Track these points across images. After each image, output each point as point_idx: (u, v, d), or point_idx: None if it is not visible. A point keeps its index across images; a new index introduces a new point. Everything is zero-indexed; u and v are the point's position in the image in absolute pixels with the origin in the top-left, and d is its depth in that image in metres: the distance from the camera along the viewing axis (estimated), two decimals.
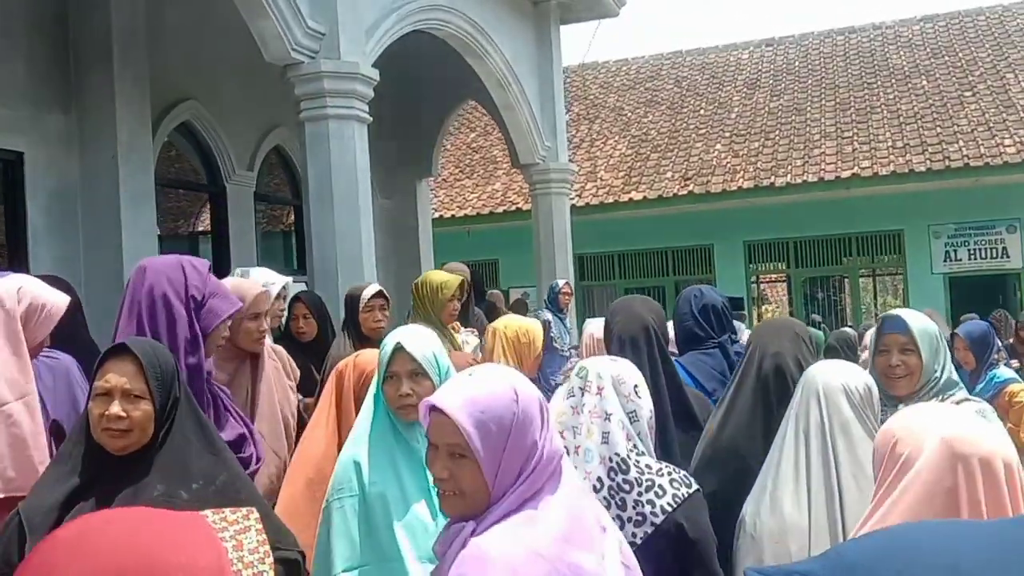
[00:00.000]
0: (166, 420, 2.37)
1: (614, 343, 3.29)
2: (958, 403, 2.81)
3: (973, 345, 5.82)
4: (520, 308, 11.40)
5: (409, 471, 2.50)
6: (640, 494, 2.30)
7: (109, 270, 6.34)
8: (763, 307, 18.83)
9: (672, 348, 4.10)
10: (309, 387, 4.17)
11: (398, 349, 2.56)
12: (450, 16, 8.26)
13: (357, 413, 3.03)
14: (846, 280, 16.68)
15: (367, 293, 4.67)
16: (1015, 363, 7.37)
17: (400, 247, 11.29)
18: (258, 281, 4.46)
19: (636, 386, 2.42)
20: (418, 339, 2.60)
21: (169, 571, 0.97)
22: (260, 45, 6.14)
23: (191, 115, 8.34)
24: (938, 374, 2.91)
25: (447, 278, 4.74)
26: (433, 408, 1.72)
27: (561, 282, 9.05)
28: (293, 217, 10.35)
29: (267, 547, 1.11)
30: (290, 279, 4.88)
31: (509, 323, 4.31)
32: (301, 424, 3.69)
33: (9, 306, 2.96)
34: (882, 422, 2.04)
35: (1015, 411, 5.75)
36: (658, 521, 2.28)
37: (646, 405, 2.42)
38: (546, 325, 7.11)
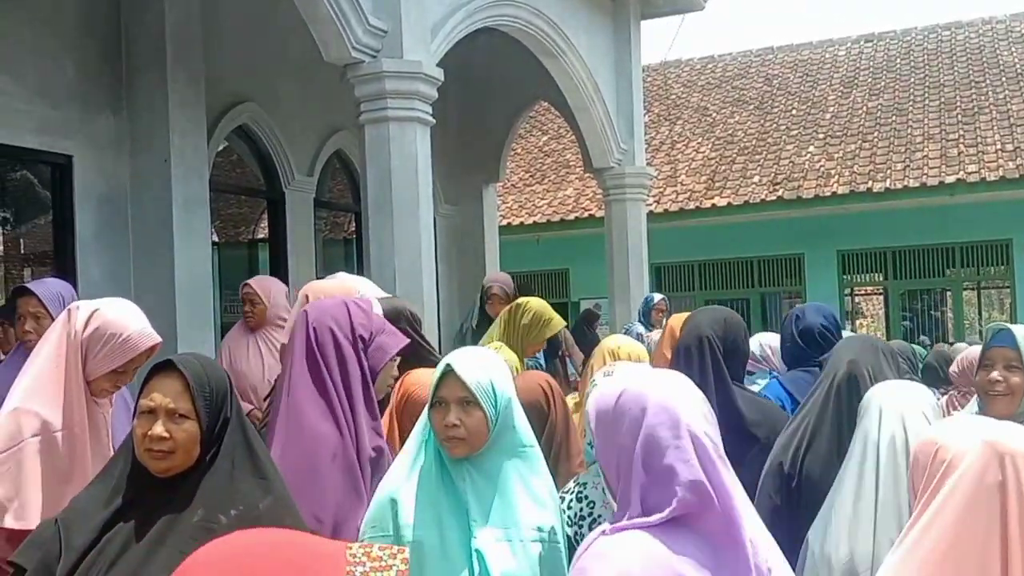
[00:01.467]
0: (215, 442, 2.35)
1: (674, 353, 3.60)
2: None
3: None
4: (590, 319, 11.32)
5: (452, 517, 2.34)
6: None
7: (160, 279, 6.46)
8: (858, 321, 18.38)
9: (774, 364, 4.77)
10: None
11: (447, 372, 2.39)
12: (521, 11, 8.23)
13: (398, 441, 3.00)
14: (948, 293, 16.22)
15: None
16: None
17: (464, 255, 11.31)
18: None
19: None
20: (473, 362, 2.43)
21: None
22: (319, 44, 6.19)
23: (248, 118, 8.45)
24: None
25: (554, 316, 4.62)
26: None
27: (657, 296, 8.97)
28: (355, 225, 10.43)
29: None
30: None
31: (621, 344, 4.08)
32: None
33: (71, 328, 2.93)
34: None
35: None
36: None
37: None
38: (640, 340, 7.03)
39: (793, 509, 2.81)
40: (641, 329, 7.92)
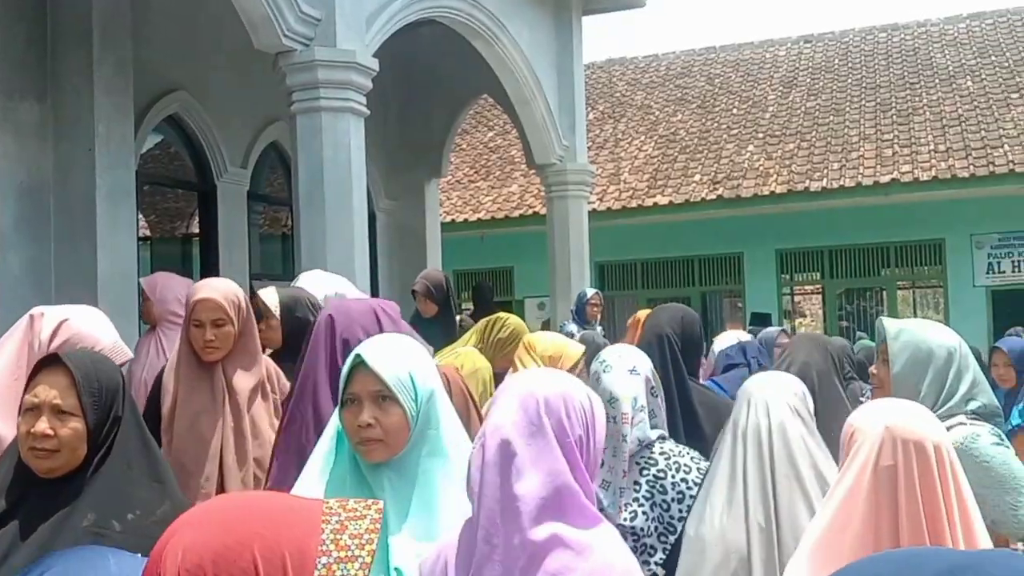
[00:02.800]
0: (104, 442, 2.20)
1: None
2: (950, 428, 2.60)
3: (1017, 361, 5.59)
4: (485, 293, 10.91)
5: None
6: (674, 475, 2.85)
7: (83, 272, 6.14)
8: (797, 320, 18.47)
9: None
10: None
11: (358, 364, 2.08)
12: (461, 4, 8.03)
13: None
14: (884, 292, 16.35)
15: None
16: None
17: (406, 252, 11.08)
18: (328, 289, 4.34)
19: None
20: (388, 351, 2.13)
21: (247, 540, 1.08)
22: (250, 31, 5.95)
23: (180, 107, 8.13)
24: (919, 401, 2.60)
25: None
26: None
27: (590, 291, 8.68)
28: (293, 219, 10.14)
29: (374, 536, 1.11)
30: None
31: (538, 341, 3.99)
32: None
33: (34, 337, 2.70)
34: None
35: None
36: (695, 492, 2.77)
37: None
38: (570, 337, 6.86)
39: None
40: (574, 328, 7.71)
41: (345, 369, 2.12)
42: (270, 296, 3.93)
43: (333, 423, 2.20)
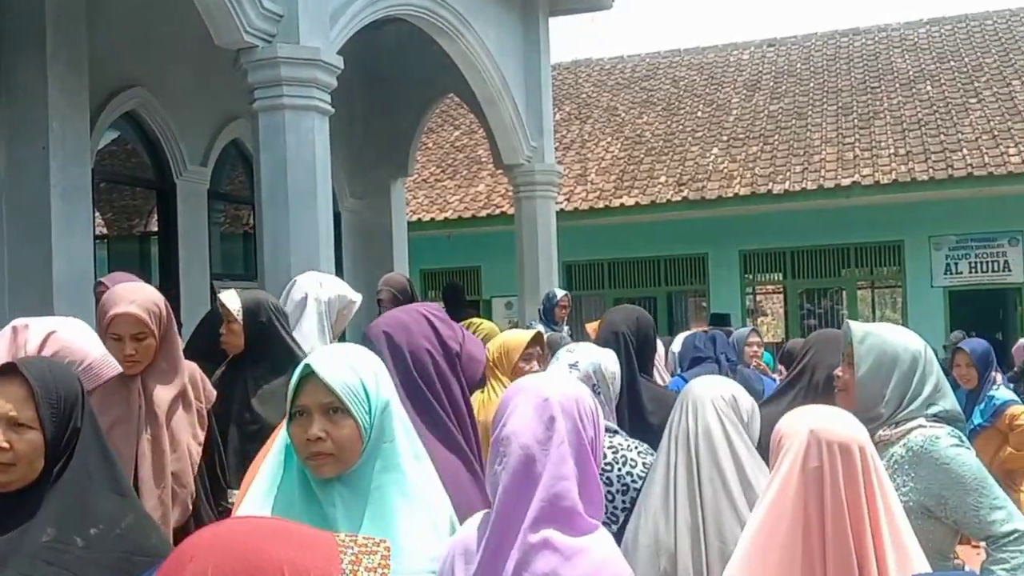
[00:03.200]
0: (63, 454, 2.09)
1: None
2: (910, 431, 2.65)
3: (979, 361, 5.61)
4: (456, 293, 10.75)
5: None
6: (620, 468, 2.88)
7: (37, 272, 5.90)
8: (759, 319, 18.50)
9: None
10: None
11: (307, 375, 1.95)
12: (427, 1, 7.86)
13: None
14: (844, 292, 16.45)
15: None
16: None
17: (371, 252, 10.89)
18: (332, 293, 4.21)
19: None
20: (339, 360, 1.99)
21: (277, 563, 1.06)
22: (210, 28, 5.75)
23: (137, 103, 7.89)
24: (883, 405, 2.69)
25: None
26: None
27: (560, 293, 8.60)
28: (255, 218, 9.94)
29: (386, 571, 1.15)
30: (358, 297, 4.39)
31: (504, 340, 4.10)
32: None
33: (17, 349, 2.51)
34: None
35: (1017, 435, 5.64)
36: (639, 485, 2.81)
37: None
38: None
39: None
40: (541, 328, 7.58)
41: (293, 380, 1.99)
42: (231, 299, 3.78)
43: (281, 437, 2.06)
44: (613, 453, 2.91)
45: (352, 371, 1.97)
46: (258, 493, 2.02)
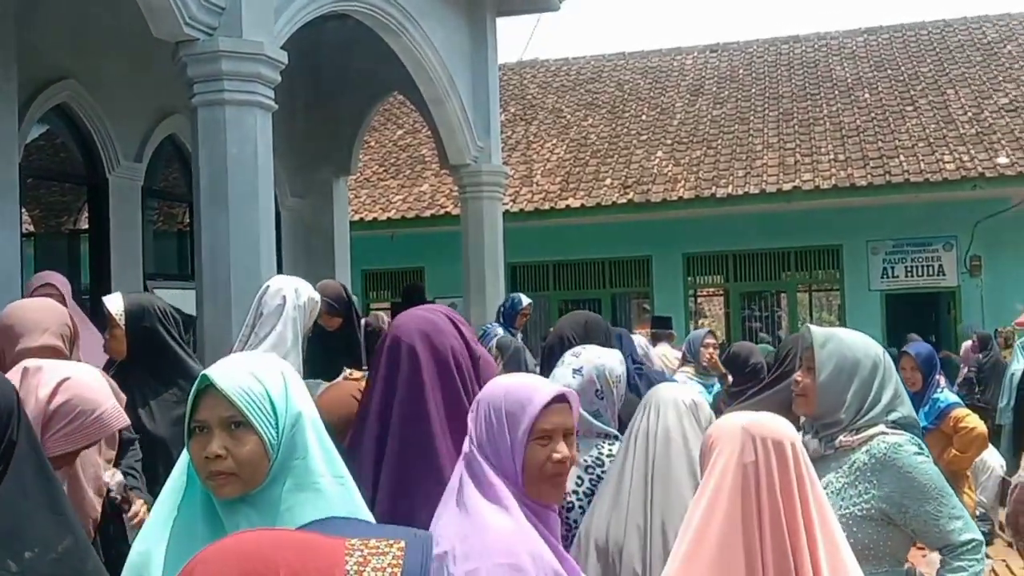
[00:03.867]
0: None
1: (541, 353, 4.10)
2: (872, 437, 2.66)
3: (923, 365, 5.59)
4: (415, 295, 10.53)
5: None
6: None
7: None
8: (701, 321, 18.52)
9: None
10: None
11: (205, 387, 1.75)
12: None
13: None
14: (783, 295, 16.56)
15: None
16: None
17: (313, 251, 10.58)
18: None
19: None
20: (240, 369, 1.79)
21: (274, 566, 1.04)
22: (147, 18, 5.41)
23: (69, 96, 7.52)
24: (843, 411, 2.67)
25: None
26: None
27: (526, 300, 8.46)
28: (190, 217, 9.55)
29: (397, 570, 1.10)
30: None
31: None
32: None
33: (32, 394, 2.33)
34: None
35: (961, 437, 5.67)
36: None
37: None
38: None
39: None
40: (500, 331, 7.40)
41: (192, 393, 1.78)
42: (114, 303, 3.53)
43: (184, 456, 1.85)
44: (612, 461, 2.86)
45: (255, 380, 1.76)
46: (157, 519, 1.82)
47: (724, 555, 1.98)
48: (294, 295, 4.04)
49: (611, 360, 3.06)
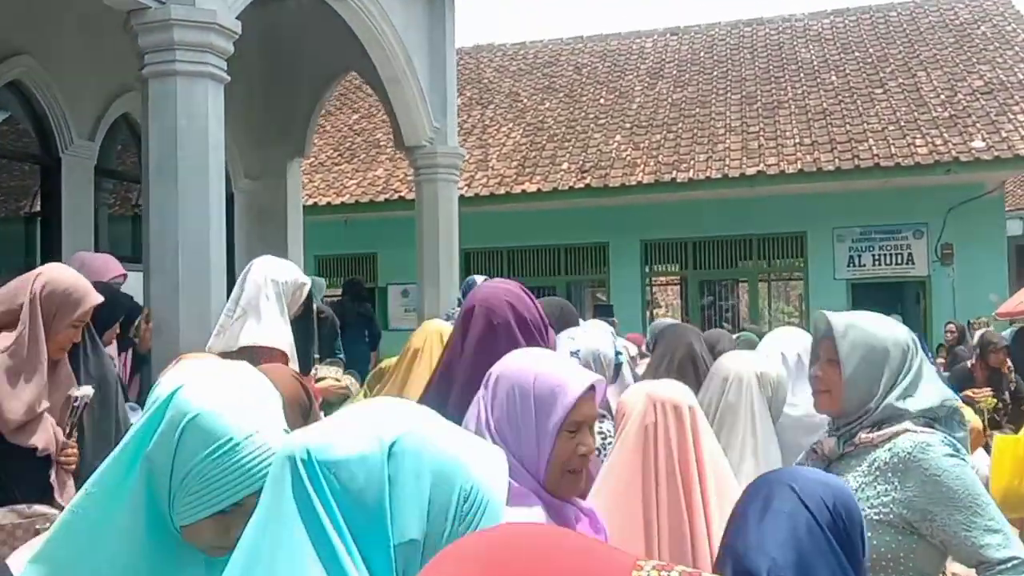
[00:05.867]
0: None
1: None
2: (897, 433, 2.39)
3: None
4: (357, 288, 10.50)
5: None
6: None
7: None
8: (656, 310, 18.64)
9: None
10: None
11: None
12: None
13: None
14: (738, 284, 16.64)
15: None
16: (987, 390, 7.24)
17: (265, 235, 10.45)
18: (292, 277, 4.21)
19: None
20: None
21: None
22: None
23: (22, 73, 7.39)
24: (872, 401, 2.43)
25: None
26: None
27: (480, 279, 8.42)
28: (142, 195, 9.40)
29: None
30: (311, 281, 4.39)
31: (443, 326, 3.95)
32: None
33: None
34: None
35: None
36: None
37: None
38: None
39: None
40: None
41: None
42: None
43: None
44: (602, 439, 2.95)
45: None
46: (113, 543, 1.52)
47: (624, 502, 2.33)
48: (276, 271, 4.10)
49: (606, 344, 3.24)
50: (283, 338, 3.85)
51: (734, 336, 8.25)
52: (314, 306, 6.10)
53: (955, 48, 15.80)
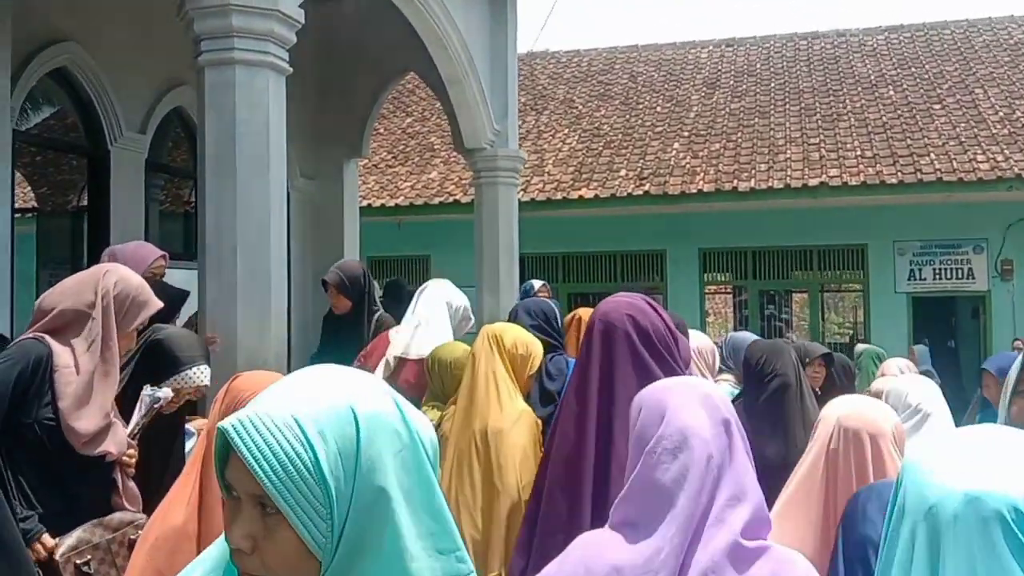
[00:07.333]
0: None
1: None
2: None
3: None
4: (399, 291, 9.94)
5: None
6: None
7: None
8: (709, 319, 17.98)
9: None
10: None
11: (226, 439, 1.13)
12: None
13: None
14: (793, 295, 16.00)
15: None
16: None
17: (320, 236, 10.00)
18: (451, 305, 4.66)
19: None
20: (277, 412, 1.12)
21: None
22: None
23: (69, 60, 6.93)
24: None
25: (458, 355, 4.03)
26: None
27: (538, 283, 7.93)
28: (196, 193, 8.95)
29: None
30: None
31: (506, 328, 3.75)
32: None
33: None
34: None
35: None
36: None
37: None
38: None
39: None
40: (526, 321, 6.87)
41: (217, 438, 1.16)
42: None
43: None
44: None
45: (299, 436, 1.10)
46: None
47: (806, 516, 2.40)
48: (451, 297, 4.54)
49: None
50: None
51: (858, 350, 7.66)
52: (372, 309, 5.66)
53: (1010, 67, 15.09)
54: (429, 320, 4.41)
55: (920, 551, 1.24)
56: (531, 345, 3.64)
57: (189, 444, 3.49)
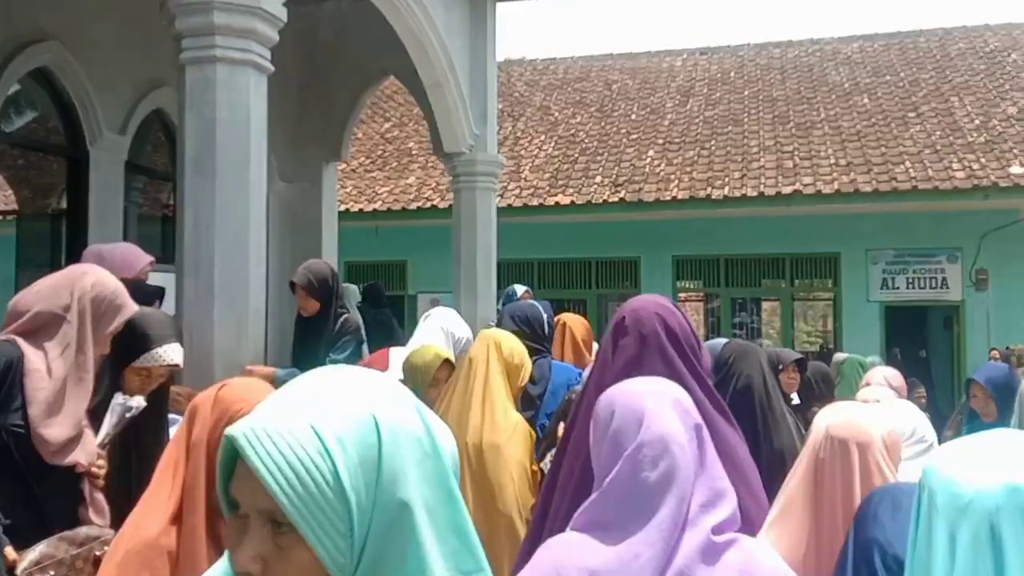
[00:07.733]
0: None
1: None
2: None
3: (997, 392, 4.86)
4: (377, 294, 9.77)
5: None
6: None
7: None
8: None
9: None
10: None
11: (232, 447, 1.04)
12: None
13: (209, 473, 1.96)
14: (763, 303, 16.03)
15: None
16: None
17: (298, 240, 9.83)
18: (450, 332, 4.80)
19: None
20: (291, 422, 1.01)
21: None
22: None
23: (50, 59, 6.76)
24: None
25: (428, 359, 4.07)
26: None
27: (520, 289, 7.82)
28: (175, 194, 8.78)
29: None
30: None
31: (504, 336, 3.76)
32: None
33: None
34: None
35: None
36: None
37: None
38: None
39: None
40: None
41: (221, 450, 1.06)
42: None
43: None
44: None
45: (317, 447, 1.00)
46: None
47: (798, 521, 2.37)
48: (455, 327, 4.68)
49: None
50: None
51: (839, 358, 7.62)
52: (339, 312, 5.54)
53: (986, 75, 15.17)
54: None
55: (964, 547, 1.26)
56: (524, 356, 3.62)
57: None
